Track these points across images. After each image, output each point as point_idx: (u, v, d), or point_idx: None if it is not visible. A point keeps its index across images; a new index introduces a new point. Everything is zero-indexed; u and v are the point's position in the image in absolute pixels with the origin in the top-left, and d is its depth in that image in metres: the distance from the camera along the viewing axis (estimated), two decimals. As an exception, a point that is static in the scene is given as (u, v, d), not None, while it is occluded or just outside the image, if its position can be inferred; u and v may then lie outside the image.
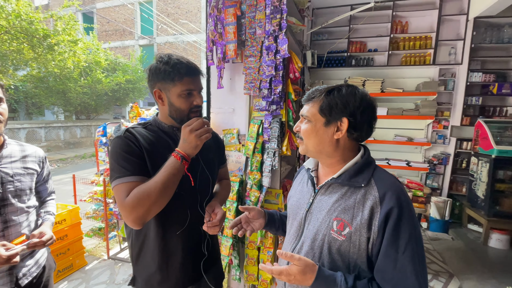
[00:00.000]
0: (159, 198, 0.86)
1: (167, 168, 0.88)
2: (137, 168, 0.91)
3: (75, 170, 7.71)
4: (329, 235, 0.79)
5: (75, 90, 10.29)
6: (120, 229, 2.97)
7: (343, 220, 0.77)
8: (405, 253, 0.71)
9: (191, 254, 1.07)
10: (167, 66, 0.95)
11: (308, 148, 0.86)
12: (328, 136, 0.82)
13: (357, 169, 0.81)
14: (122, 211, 0.86)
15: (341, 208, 0.79)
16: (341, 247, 0.77)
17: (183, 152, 0.91)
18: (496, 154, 3.08)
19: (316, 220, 0.84)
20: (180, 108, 0.98)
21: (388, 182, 0.78)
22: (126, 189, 0.87)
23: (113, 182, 0.90)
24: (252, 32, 1.62)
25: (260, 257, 1.81)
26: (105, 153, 3.16)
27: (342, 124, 0.80)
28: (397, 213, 0.72)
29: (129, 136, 0.95)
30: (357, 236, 0.75)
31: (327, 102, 0.81)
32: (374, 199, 0.75)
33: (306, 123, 0.86)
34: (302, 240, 0.86)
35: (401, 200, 0.74)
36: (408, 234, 0.71)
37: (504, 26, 3.47)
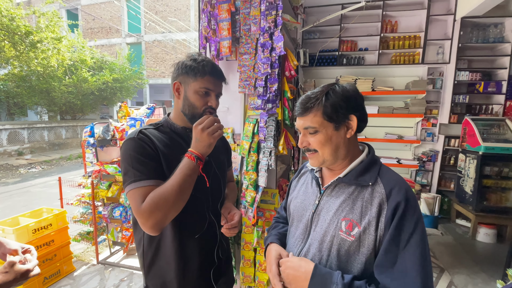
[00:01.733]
0: (177, 201, 0.83)
1: (182, 170, 0.85)
2: (152, 172, 0.87)
3: (60, 173, 7.46)
4: (337, 236, 0.77)
5: (59, 90, 9.92)
6: (110, 233, 2.88)
7: (352, 220, 0.76)
8: (406, 248, 0.69)
9: (207, 259, 1.04)
10: (193, 62, 0.95)
11: (325, 157, 0.82)
12: (342, 138, 0.81)
13: (363, 168, 0.80)
14: (139, 218, 0.82)
15: (349, 208, 0.77)
16: (351, 248, 0.75)
17: (197, 152, 0.88)
18: (483, 151, 3.17)
19: (324, 222, 0.81)
20: (194, 104, 0.96)
21: (393, 179, 0.77)
22: (142, 193, 0.83)
23: (127, 187, 0.86)
24: (247, 29, 1.59)
25: (256, 259, 1.78)
26: (93, 154, 3.05)
27: (351, 122, 0.79)
28: (403, 209, 0.71)
29: (143, 137, 0.91)
30: (366, 235, 0.74)
31: (329, 106, 0.78)
32: (381, 196, 0.75)
33: (315, 134, 0.81)
34: (309, 242, 0.84)
35: (407, 196, 0.73)
36: (411, 229, 0.70)
37: (490, 26, 3.56)
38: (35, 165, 8.36)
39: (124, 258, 3.03)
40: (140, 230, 0.99)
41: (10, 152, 9.16)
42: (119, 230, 2.94)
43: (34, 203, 4.89)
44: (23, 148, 9.53)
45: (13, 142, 9.33)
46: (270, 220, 1.75)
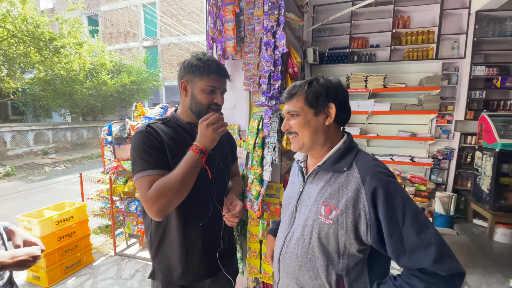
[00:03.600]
0: (180, 190, 0.90)
1: (186, 161, 0.92)
2: (158, 162, 0.95)
3: (82, 171, 7.85)
4: (317, 220, 0.82)
5: (81, 92, 10.47)
6: (126, 226, 3.03)
7: (330, 204, 0.81)
8: (406, 224, 0.72)
9: (210, 247, 1.10)
10: (199, 61, 1.02)
11: (304, 139, 0.88)
12: (320, 125, 0.87)
13: (339, 155, 0.85)
14: (145, 203, 0.90)
15: (327, 193, 0.83)
16: (330, 230, 0.80)
17: (201, 146, 0.95)
18: (500, 148, 3.05)
19: (306, 207, 0.87)
20: (201, 102, 1.03)
21: (368, 163, 0.81)
22: (148, 182, 0.91)
23: (135, 175, 0.94)
24: (251, 29, 1.65)
25: (262, 250, 1.84)
26: (111, 152, 3.23)
27: (329, 110, 0.85)
28: (383, 191, 0.74)
29: (150, 131, 0.99)
30: (344, 218, 0.78)
31: (311, 93, 0.86)
32: (356, 181, 0.79)
33: (296, 118, 0.89)
34: (294, 227, 0.90)
35: (383, 177, 0.76)
36: (401, 205, 0.73)
37: (507, 19, 3.43)
38: (59, 164, 8.85)
39: (139, 251, 3.19)
40: (148, 217, 1.07)
41: (36, 151, 9.74)
42: (135, 224, 3.09)
43: (58, 198, 5.20)
44: (48, 148, 10.11)
45: (39, 142, 9.92)
46: (274, 213, 1.81)
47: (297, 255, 0.86)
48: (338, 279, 0.81)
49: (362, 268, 0.84)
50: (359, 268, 0.84)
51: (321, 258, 0.82)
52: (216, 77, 1.02)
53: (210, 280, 1.14)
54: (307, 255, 0.84)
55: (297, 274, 0.87)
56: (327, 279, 0.81)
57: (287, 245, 0.90)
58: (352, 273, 0.82)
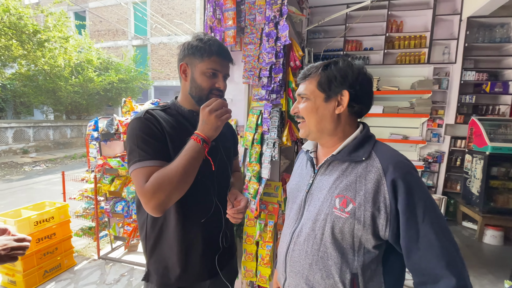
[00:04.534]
0: (180, 182, 0.81)
1: (188, 152, 0.83)
2: (158, 152, 0.86)
3: (64, 171, 7.50)
4: (331, 213, 0.75)
5: (65, 89, 10.03)
6: (112, 227, 2.86)
7: (346, 196, 0.74)
8: (425, 222, 0.67)
9: (211, 245, 1.01)
10: (200, 42, 0.93)
11: (310, 127, 0.82)
12: (329, 112, 0.79)
13: (357, 144, 0.78)
14: (142, 197, 0.80)
15: (342, 184, 0.76)
16: (345, 225, 0.73)
17: (203, 135, 0.86)
18: (490, 151, 3.11)
19: (317, 200, 0.80)
20: (201, 86, 0.94)
21: (390, 153, 0.76)
22: (146, 173, 0.82)
23: (131, 166, 0.84)
24: (252, 19, 1.58)
25: (258, 252, 1.75)
26: (97, 149, 3.06)
27: (342, 97, 0.78)
28: (406, 183, 0.68)
29: (149, 117, 0.90)
30: (362, 211, 0.71)
31: (325, 76, 0.79)
32: (377, 171, 0.72)
33: (305, 101, 0.83)
34: (302, 222, 0.82)
35: (407, 168, 0.71)
36: (423, 201, 0.68)
37: (496, 26, 3.53)
38: (39, 163, 8.43)
39: (125, 254, 3.02)
40: (144, 213, 0.97)
41: (15, 150, 9.25)
42: (121, 226, 2.93)
43: (37, 199, 4.90)
44: (28, 147, 9.62)
45: (19, 140, 9.43)
46: (272, 213, 1.72)
47: (307, 253, 0.79)
48: (353, 278, 0.74)
49: (377, 267, 0.78)
50: (374, 266, 0.77)
51: (335, 255, 0.75)
52: (217, 59, 0.94)
53: (210, 281, 1.04)
54: (319, 252, 0.77)
55: (306, 273, 0.79)
56: (340, 278, 0.74)
57: (294, 242, 0.82)
58: (367, 272, 0.75)
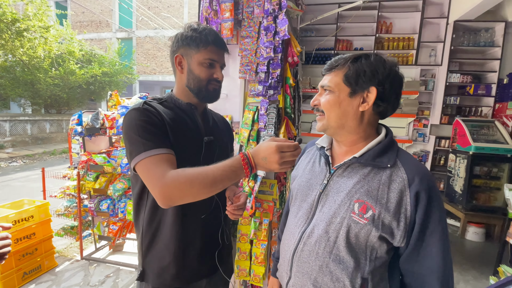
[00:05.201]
0: (200, 191, 0.73)
1: (227, 168, 0.74)
2: (163, 140, 0.81)
3: (44, 167, 7.14)
4: (349, 217, 0.73)
5: (45, 81, 9.53)
6: (96, 227, 2.74)
7: (366, 202, 0.72)
8: (433, 234, 0.69)
9: (209, 243, 0.98)
10: (195, 32, 0.90)
11: (330, 122, 0.78)
12: (353, 109, 0.75)
13: (381, 149, 0.75)
14: (154, 186, 0.74)
15: (363, 190, 0.73)
16: (362, 231, 0.71)
17: (253, 163, 0.74)
18: (473, 151, 3.23)
19: (333, 202, 0.77)
20: (199, 77, 0.91)
21: (415, 164, 0.74)
22: (161, 161, 0.76)
23: (136, 157, 0.78)
24: (250, 11, 1.53)
25: (252, 251, 1.72)
26: (80, 145, 2.92)
27: (369, 94, 0.74)
28: (429, 196, 0.69)
29: (148, 108, 0.85)
30: (381, 219, 0.70)
31: (353, 69, 0.74)
32: (402, 182, 0.71)
33: (328, 94, 0.78)
34: (314, 223, 0.79)
35: (431, 183, 0.71)
36: (438, 217, 0.69)
37: (481, 30, 3.66)
38: (16, 159, 7.98)
39: (110, 254, 2.90)
40: (141, 209, 0.92)
41: (-11, 145, 8.72)
42: (105, 225, 2.81)
43: (14, 197, 4.63)
44: (4, 142, 9.09)
45: (-7, 134, 8.90)
46: (268, 211, 1.70)
47: (318, 254, 0.76)
48: (363, 283, 0.73)
49: (384, 272, 0.78)
50: (382, 271, 0.77)
51: (347, 259, 0.73)
52: (215, 49, 0.91)
53: (206, 280, 1.01)
54: (331, 255, 0.75)
55: (315, 275, 0.77)
56: (351, 282, 0.72)
57: (304, 242, 0.79)
58: (376, 277, 0.75)
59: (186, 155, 0.87)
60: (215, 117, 1.13)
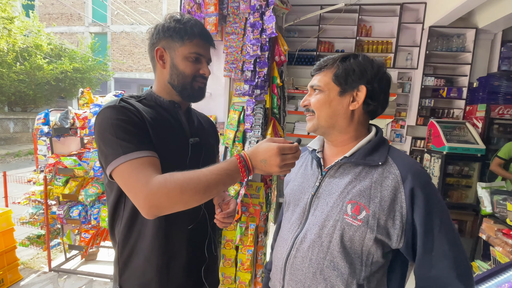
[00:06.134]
0: (192, 198, 0.65)
1: (222, 172, 0.66)
2: (144, 141, 0.72)
3: (6, 170, 6.57)
4: (342, 220, 0.70)
5: (8, 77, 8.77)
6: (66, 235, 2.53)
7: (359, 203, 0.69)
8: (441, 232, 0.66)
9: (196, 255, 0.89)
10: (178, 23, 0.81)
11: (320, 121, 0.77)
12: (343, 107, 0.75)
13: (372, 147, 0.74)
14: (138, 193, 0.65)
15: (356, 190, 0.70)
16: (356, 233, 0.68)
17: (251, 165, 0.68)
18: (447, 151, 3.38)
19: (326, 205, 0.74)
20: (184, 72, 0.83)
21: (407, 160, 0.73)
22: (144, 164, 0.67)
23: (115, 160, 0.67)
24: (236, 7, 1.46)
25: (238, 257, 1.65)
26: (47, 146, 2.68)
27: (359, 93, 0.74)
28: (425, 193, 0.66)
29: (126, 105, 0.75)
30: (375, 220, 0.67)
31: (342, 68, 0.74)
32: (395, 178, 0.69)
33: (317, 94, 0.77)
34: (306, 227, 0.76)
35: (426, 177, 0.69)
36: (440, 213, 0.66)
37: (453, 36, 3.85)
38: (-27, 162, 7.28)
39: (82, 264, 2.70)
40: (118, 219, 0.82)
41: None
42: (76, 233, 2.60)
43: (-29, 204, 4.20)
44: (-42, 142, 8.26)
45: None
46: (254, 215, 1.63)
47: (311, 261, 0.72)
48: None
49: (382, 277, 0.74)
50: (380, 276, 0.73)
51: (342, 264, 0.69)
52: (201, 42, 0.84)
53: None
54: (324, 261, 0.71)
55: (309, 283, 0.72)
56: None
57: (297, 248, 0.75)
58: (373, 282, 0.72)
59: (171, 158, 0.79)
60: (199, 117, 1.05)
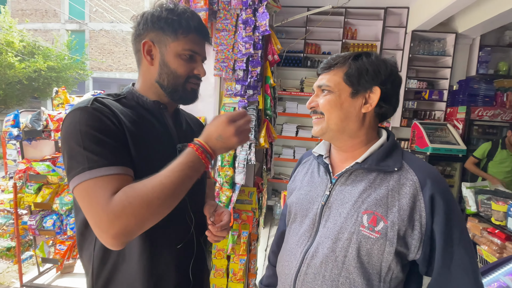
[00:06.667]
0: (163, 206, 0.57)
1: (183, 165, 0.60)
2: (118, 155, 0.60)
3: (-29, 176, 6.05)
4: (358, 232, 0.64)
5: (-26, 75, 8.17)
6: (39, 247, 2.32)
7: (375, 213, 0.63)
8: (460, 244, 0.62)
9: (186, 277, 0.78)
10: (171, 13, 0.70)
11: (330, 125, 0.70)
12: (355, 110, 0.69)
13: (385, 152, 0.69)
14: (99, 222, 0.54)
15: (371, 199, 0.65)
16: (374, 246, 0.63)
17: (209, 148, 0.63)
18: (430, 151, 3.47)
19: (338, 216, 0.67)
20: (176, 72, 0.73)
21: (424, 165, 0.68)
22: (106, 186, 0.56)
23: (76, 177, 0.56)
24: (227, 2, 1.38)
25: (230, 267, 1.56)
26: (17, 150, 2.46)
27: (372, 94, 0.68)
28: (445, 200, 0.62)
29: (100, 107, 0.63)
30: (395, 231, 0.62)
31: (355, 68, 0.68)
32: (413, 185, 0.64)
33: (326, 95, 0.70)
34: (318, 240, 0.69)
35: (445, 184, 0.65)
36: (459, 222, 0.63)
37: (434, 40, 3.98)
38: None
39: (57, 278, 2.49)
40: (90, 241, 0.70)
41: None
42: (51, 244, 2.39)
43: None
44: None
45: None
46: (247, 222, 1.55)
47: (325, 277, 0.66)
48: None
49: None
50: None
51: (359, 281, 0.63)
52: (197, 38, 0.74)
53: None
54: (339, 278, 0.65)
55: None
56: None
57: (308, 264, 0.68)
58: None
59: (154, 168, 0.66)
60: (188, 119, 0.95)
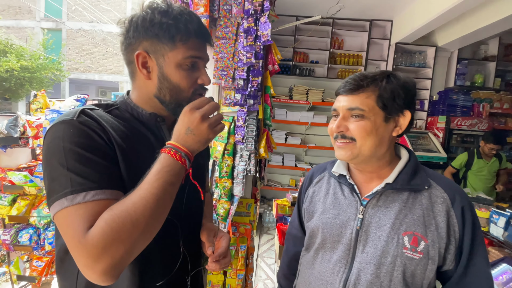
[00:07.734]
0: (150, 225, 0.50)
1: (161, 173, 0.53)
2: (106, 177, 0.53)
3: None
4: (401, 255, 0.63)
5: None
6: (13, 264, 2.12)
7: (415, 233, 0.63)
8: (479, 253, 0.64)
9: None
10: (165, 17, 0.60)
11: (363, 151, 0.67)
12: (388, 134, 0.68)
13: (413, 169, 0.69)
14: (84, 256, 0.46)
15: (408, 219, 0.65)
16: (418, 267, 0.63)
17: (185, 148, 0.56)
18: (414, 160, 3.60)
19: (378, 239, 0.66)
20: (179, 86, 0.63)
21: (449, 181, 0.70)
22: (88, 214, 0.48)
23: (57, 202, 0.49)
24: (228, 10, 1.35)
25: (226, 283, 1.50)
26: (-12, 157, 2.25)
27: (402, 118, 0.68)
28: (472, 214, 0.65)
29: (87, 121, 0.55)
30: (436, 249, 0.63)
31: (389, 91, 0.66)
32: (444, 202, 0.65)
33: (360, 120, 0.66)
34: (358, 267, 0.66)
35: (468, 197, 0.67)
36: (480, 233, 0.65)
37: (416, 52, 4.17)
38: None
39: (31, 297, 2.28)
40: (73, 270, 0.60)
41: None
42: (26, 260, 2.20)
43: None
44: None
45: None
46: (245, 235, 1.50)
47: None
48: None
49: None
50: None
51: None
52: (198, 43, 0.64)
53: None
54: None
55: None
56: None
57: None
58: None
59: None
60: None
